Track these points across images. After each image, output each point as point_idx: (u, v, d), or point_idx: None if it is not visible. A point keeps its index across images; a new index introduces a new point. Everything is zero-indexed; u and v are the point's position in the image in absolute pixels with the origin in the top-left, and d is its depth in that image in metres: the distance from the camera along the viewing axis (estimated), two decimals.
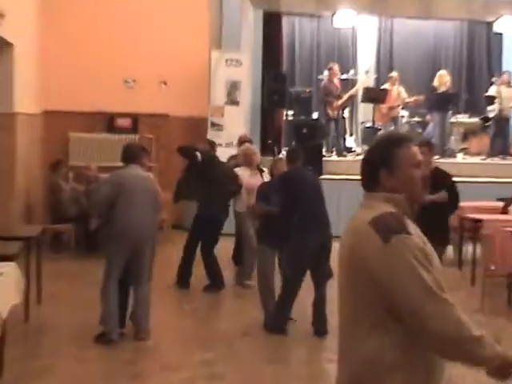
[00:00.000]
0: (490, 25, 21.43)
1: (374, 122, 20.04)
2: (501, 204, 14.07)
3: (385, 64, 21.91)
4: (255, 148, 13.34)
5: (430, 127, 20.23)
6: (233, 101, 17.66)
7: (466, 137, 20.24)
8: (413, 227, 3.52)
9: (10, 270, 7.66)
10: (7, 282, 7.38)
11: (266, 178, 11.64)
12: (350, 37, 21.63)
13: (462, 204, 11.03)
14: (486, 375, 3.35)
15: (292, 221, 9.57)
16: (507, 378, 3.37)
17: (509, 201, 13.51)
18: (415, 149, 3.62)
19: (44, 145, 17.15)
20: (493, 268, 11.12)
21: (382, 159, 3.58)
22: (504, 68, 21.95)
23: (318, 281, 9.65)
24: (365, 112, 20.86)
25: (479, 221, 12.57)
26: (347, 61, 20.99)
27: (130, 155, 9.27)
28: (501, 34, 21.52)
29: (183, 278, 12.10)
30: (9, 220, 13.45)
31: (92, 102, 17.29)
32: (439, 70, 20.42)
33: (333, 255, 8.43)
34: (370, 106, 20.15)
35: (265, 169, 12.24)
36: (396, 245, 3.34)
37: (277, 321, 9.65)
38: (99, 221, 10.50)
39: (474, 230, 12.97)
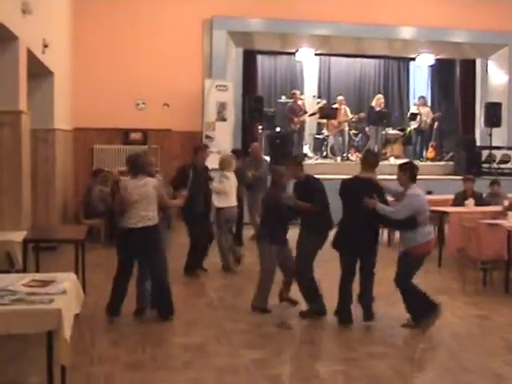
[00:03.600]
0: (399, 60, 19.50)
1: (321, 133, 17.74)
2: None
3: (324, 91, 19.51)
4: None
5: (358, 137, 18.00)
6: (222, 118, 15.46)
7: (386, 144, 17.99)
8: None
9: (71, 284, 5.25)
10: (70, 298, 5.00)
11: None
12: (299, 70, 19.22)
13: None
14: None
15: None
16: None
17: (460, 196, 11.16)
18: None
19: (74, 154, 14.82)
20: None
21: None
22: (411, 92, 20.17)
23: None
24: (310, 127, 18.39)
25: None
26: (298, 89, 18.45)
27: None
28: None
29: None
30: (50, 215, 11.38)
31: (111, 121, 15.11)
32: (374, 94, 18.43)
33: None
34: (315, 121, 18.03)
35: None
36: None
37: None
38: None
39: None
